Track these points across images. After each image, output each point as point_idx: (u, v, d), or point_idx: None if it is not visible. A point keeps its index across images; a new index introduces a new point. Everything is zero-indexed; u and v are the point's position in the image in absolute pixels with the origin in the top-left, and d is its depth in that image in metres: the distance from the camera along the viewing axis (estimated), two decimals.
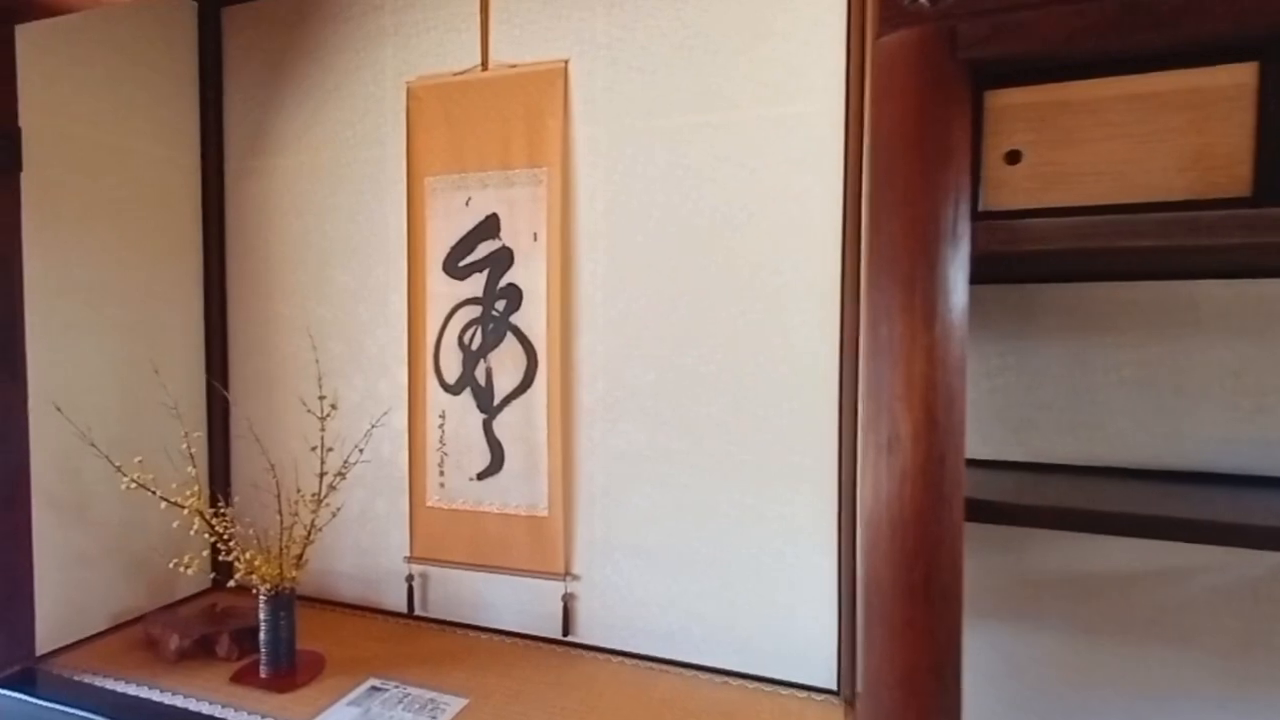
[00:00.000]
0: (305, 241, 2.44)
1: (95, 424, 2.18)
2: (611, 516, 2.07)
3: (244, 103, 2.52)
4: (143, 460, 1.90)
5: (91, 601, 2.19)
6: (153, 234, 2.38)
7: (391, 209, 2.30)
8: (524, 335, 2.14)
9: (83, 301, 2.16)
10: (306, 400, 2.32)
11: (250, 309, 2.55)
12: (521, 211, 2.13)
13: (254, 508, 2.23)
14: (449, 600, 2.28)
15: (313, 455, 2.03)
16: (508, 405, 2.16)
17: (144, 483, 1.83)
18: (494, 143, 2.14)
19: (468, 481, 2.22)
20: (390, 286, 2.32)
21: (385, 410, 2.27)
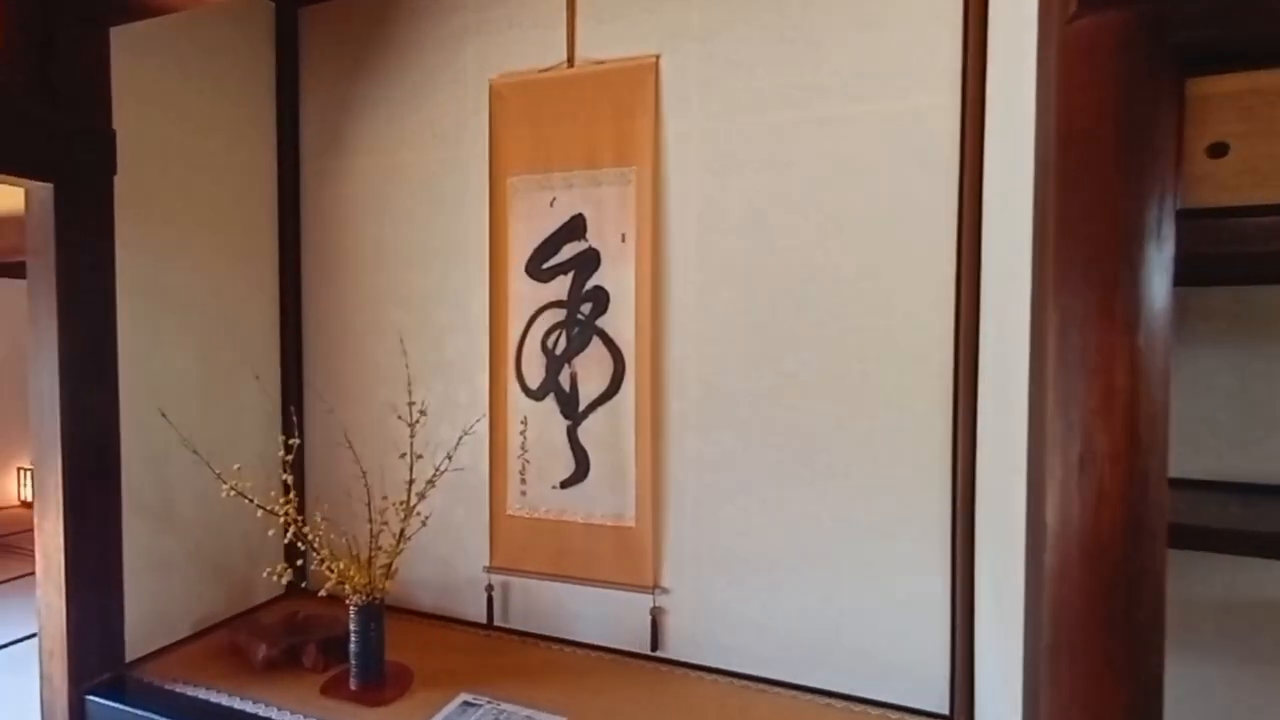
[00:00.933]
0: (382, 244, 2.41)
1: (183, 431, 2.18)
2: (703, 528, 2.00)
3: (320, 103, 2.50)
4: (241, 468, 1.87)
5: (176, 607, 2.19)
6: (233, 238, 2.37)
7: (472, 210, 2.26)
8: (611, 340, 2.08)
9: (168, 306, 2.15)
10: (386, 405, 2.30)
11: (325, 313, 2.53)
12: (609, 212, 2.07)
13: (336, 516, 2.20)
14: (530, 611, 2.23)
15: (389, 462, 2.00)
16: (593, 412, 2.10)
17: (242, 490, 1.80)
18: (580, 141, 2.08)
19: (550, 490, 2.16)
20: (470, 289, 2.28)
21: (478, 417, 2.21)
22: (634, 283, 2.04)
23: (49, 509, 1.87)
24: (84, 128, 1.87)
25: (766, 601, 1.93)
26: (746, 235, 1.92)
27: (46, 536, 1.88)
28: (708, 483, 1.99)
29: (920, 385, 1.76)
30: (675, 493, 2.03)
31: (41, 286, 1.85)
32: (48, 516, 1.87)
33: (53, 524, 1.86)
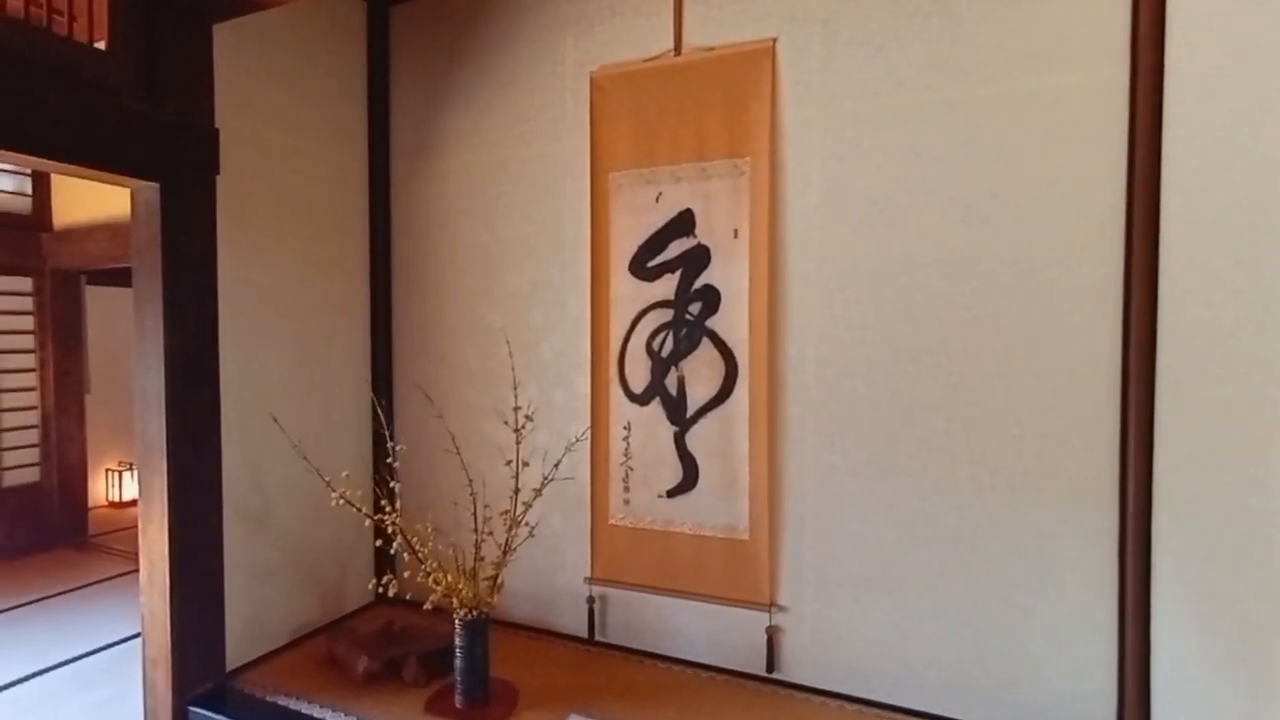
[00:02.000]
0: (474, 244, 2.34)
1: (276, 434, 2.14)
2: (825, 542, 1.87)
3: (411, 102, 2.45)
4: (349, 474, 1.81)
5: (273, 615, 2.14)
6: (325, 240, 2.32)
7: (570, 207, 2.17)
8: (722, 341, 1.96)
9: (265, 309, 2.11)
10: (476, 409, 2.23)
11: (416, 315, 2.47)
12: (720, 206, 1.95)
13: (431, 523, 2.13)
14: (633, 626, 2.12)
15: (484, 468, 1.91)
16: (703, 417, 1.99)
17: (351, 499, 1.73)
18: (689, 133, 1.97)
19: (656, 499, 2.05)
20: (567, 289, 2.19)
21: (576, 422, 2.12)
22: (748, 280, 1.92)
23: (153, 513, 1.84)
24: (189, 126, 1.83)
25: (898, 622, 1.79)
26: (875, 227, 1.78)
27: (150, 542, 1.85)
28: (830, 494, 1.85)
29: (1082, 387, 1.60)
30: (793, 504, 1.90)
31: (146, 287, 1.82)
32: (152, 521, 1.84)
33: (157, 529, 1.83)
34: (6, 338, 3.66)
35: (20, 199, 3.74)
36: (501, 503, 1.87)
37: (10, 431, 3.65)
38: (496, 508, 1.87)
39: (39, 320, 3.80)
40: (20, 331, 3.73)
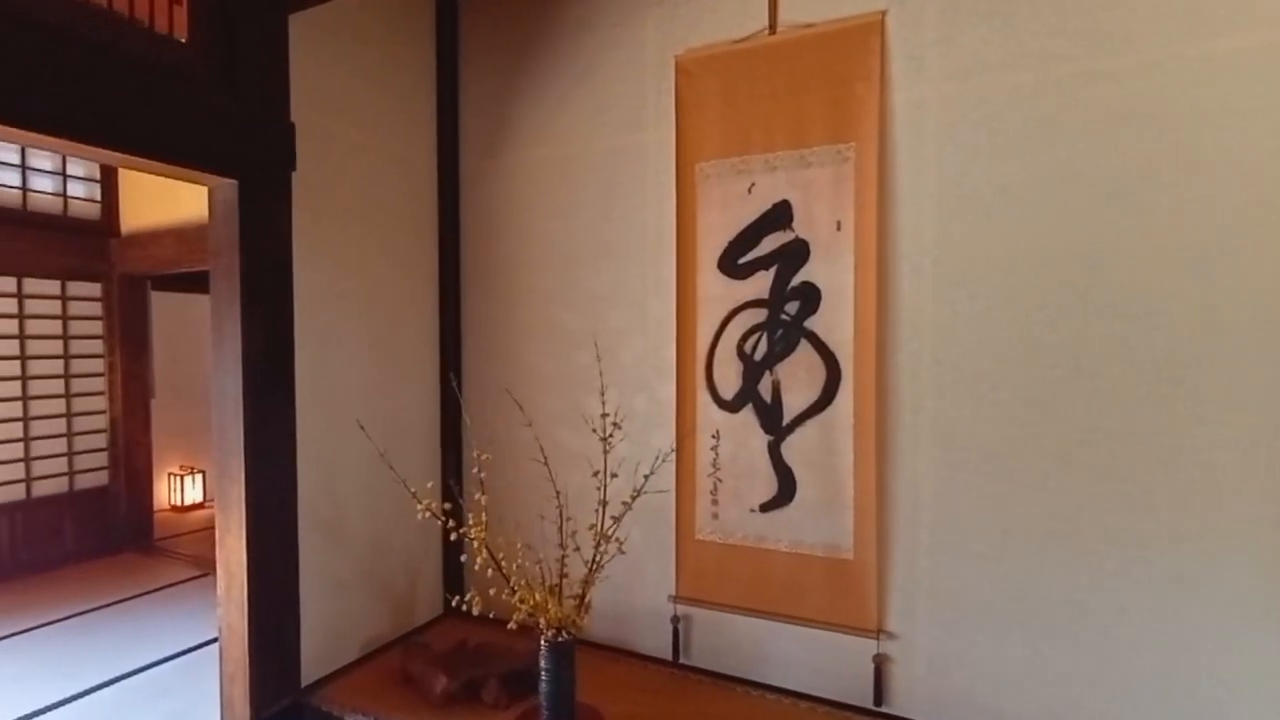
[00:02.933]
0: (548, 242, 2.24)
1: (349, 440, 2.07)
2: (943, 564, 1.69)
3: (480, 96, 2.36)
4: (433, 485, 1.71)
5: (347, 629, 2.07)
6: (395, 239, 2.25)
7: (652, 202, 2.05)
8: (822, 343, 1.81)
9: (338, 310, 2.05)
10: (551, 415, 2.12)
11: (487, 316, 2.38)
12: (820, 196, 1.80)
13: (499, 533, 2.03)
14: (721, 649, 1.98)
15: (559, 477, 1.79)
16: (800, 425, 1.84)
17: (436, 512, 1.64)
18: (786, 118, 1.83)
19: (748, 513, 1.91)
20: (648, 289, 2.07)
21: (660, 429, 1.99)
22: (852, 276, 1.76)
23: (230, 523, 1.78)
24: (267, 120, 1.77)
25: (1031, 656, 1.60)
26: (1003, 216, 1.60)
27: (228, 553, 1.79)
28: (949, 511, 1.68)
29: (1259, 395, 1.40)
30: (905, 521, 1.73)
31: (224, 290, 1.76)
32: (229, 531, 1.78)
33: (235, 539, 1.77)
34: (78, 342, 3.73)
35: (90, 205, 3.81)
36: (582, 515, 1.75)
37: (81, 435, 3.71)
38: (576, 520, 1.75)
39: (107, 325, 3.86)
40: (90, 336, 3.80)
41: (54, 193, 3.64)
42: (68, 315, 3.68)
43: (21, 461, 3.45)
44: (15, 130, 1.33)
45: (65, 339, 3.66)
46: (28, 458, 3.47)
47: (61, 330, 3.65)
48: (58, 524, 3.58)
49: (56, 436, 3.60)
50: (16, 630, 2.71)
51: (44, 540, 3.51)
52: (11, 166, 3.45)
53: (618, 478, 1.74)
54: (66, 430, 3.64)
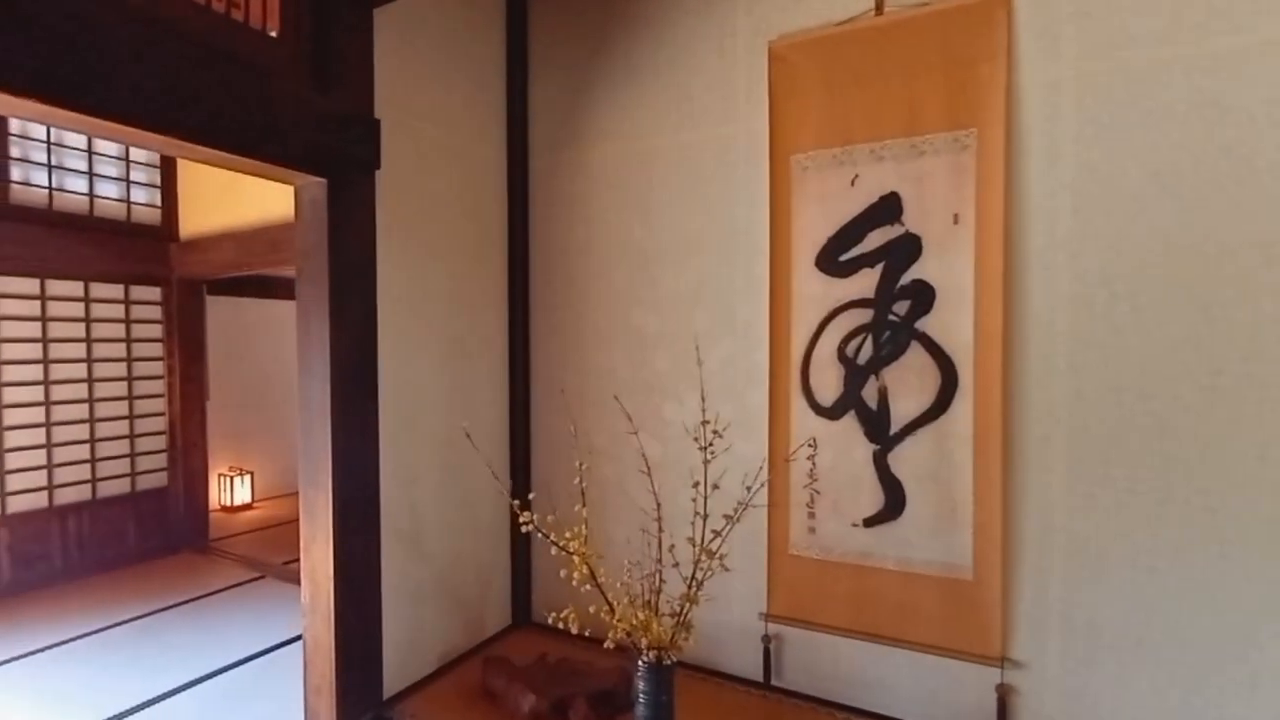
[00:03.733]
0: (625, 241, 2.15)
1: (426, 446, 2.01)
2: (1080, 589, 1.55)
3: (551, 91, 2.28)
4: (535, 496, 1.61)
5: (425, 640, 2.00)
6: (468, 239, 2.18)
7: (741, 197, 1.94)
8: (937, 346, 1.68)
9: (417, 312, 1.98)
10: (624, 419, 2.02)
11: (557, 318, 2.30)
12: (934, 187, 1.68)
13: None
14: (818, 671, 1.86)
15: (623, 487, 1.69)
16: (911, 434, 1.71)
17: (539, 525, 1.54)
18: (895, 104, 1.71)
19: (850, 528, 1.79)
20: (737, 289, 1.96)
21: (749, 438, 1.88)
22: (972, 273, 1.63)
23: (316, 532, 1.72)
24: (355, 116, 1.71)
25: (1188, 697, 1.45)
26: (1158, 206, 1.46)
27: (314, 562, 1.73)
28: (1087, 530, 1.54)
29: None
30: (1035, 540, 1.59)
31: (311, 291, 1.71)
32: (315, 540, 1.72)
33: (321, 549, 1.71)
34: (139, 345, 3.77)
35: (150, 210, 3.85)
36: (671, 528, 1.65)
37: (142, 437, 3.74)
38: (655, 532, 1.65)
39: (166, 329, 3.90)
40: (150, 340, 3.83)
41: (118, 198, 3.68)
42: (130, 319, 3.72)
43: (88, 463, 3.49)
44: (116, 125, 1.28)
45: (128, 342, 3.70)
46: (93, 459, 3.51)
47: (124, 334, 3.69)
48: (121, 524, 3.61)
49: (120, 438, 3.64)
50: (90, 630, 2.72)
51: (108, 540, 3.55)
52: (79, 173, 3.49)
53: (719, 489, 1.63)
54: (129, 432, 3.68)
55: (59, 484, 3.36)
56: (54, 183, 3.39)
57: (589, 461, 2.19)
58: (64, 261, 3.38)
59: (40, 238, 3.29)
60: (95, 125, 1.29)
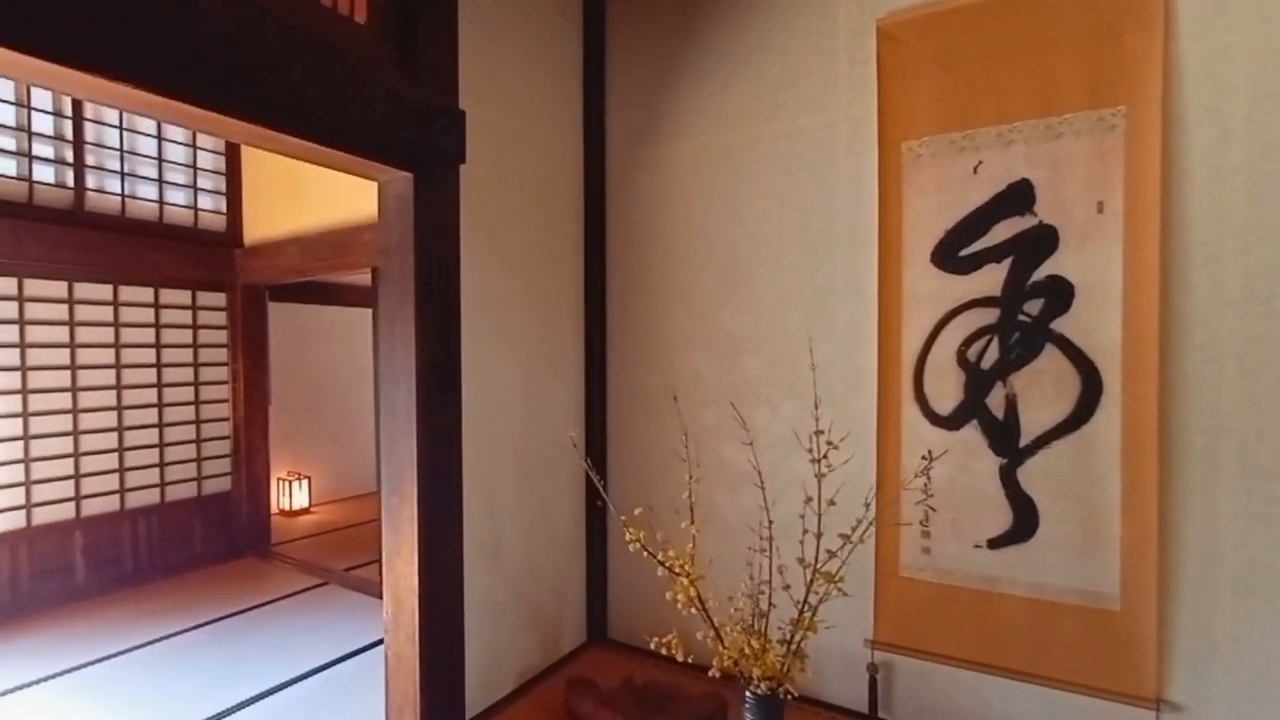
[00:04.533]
0: (711, 239, 2.03)
1: (505, 453, 1.92)
2: (1255, 622, 1.36)
3: (630, 83, 2.18)
4: (644, 511, 1.50)
5: (504, 658, 1.91)
6: (545, 236, 2.09)
7: (842, 189, 1.81)
8: (1076, 349, 1.51)
9: (495, 316, 1.90)
10: (719, 430, 1.89)
11: (635, 319, 2.20)
12: (1074, 173, 1.51)
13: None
14: (932, 705, 1.69)
15: (722, 497, 1.56)
16: (1045, 447, 1.54)
17: (646, 545, 1.43)
18: (1026, 81, 1.55)
19: (971, 549, 1.63)
20: (836, 288, 1.82)
21: (859, 455, 1.73)
22: (1120, 268, 1.46)
23: (402, 544, 1.64)
24: (442, 107, 1.64)
25: None
26: None
27: (397, 577, 1.65)
28: (1263, 556, 1.35)
29: None
30: (1197, 570, 1.41)
31: (395, 291, 1.63)
32: (399, 554, 1.65)
33: (405, 563, 1.63)
34: (205, 351, 3.82)
35: (216, 216, 3.91)
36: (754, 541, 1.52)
37: (208, 442, 3.79)
38: (738, 548, 1.52)
39: (231, 334, 3.94)
40: (216, 345, 3.88)
41: (185, 205, 3.74)
42: (197, 324, 3.77)
43: (157, 467, 3.53)
44: (212, 115, 1.22)
45: (195, 347, 3.75)
46: (162, 463, 3.55)
47: (191, 339, 3.74)
48: (188, 527, 3.65)
49: (186, 443, 3.68)
50: (160, 636, 2.72)
51: (176, 543, 3.58)
52: (149, 180, 3.56)
53: (836, 506, 1.49)
54: (195, 436, 3.72)
55: (130, 487, 3.41)
56: (126, 190, 3.46)
57: (669, 470, 2.09)
58: (135, 267, 3.43)
59: (113, 244, 3.35)
60: (189, 115, 1.24)
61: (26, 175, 3.06)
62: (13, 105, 2.99)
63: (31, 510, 3.04)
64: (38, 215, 3.08)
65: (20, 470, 3.00)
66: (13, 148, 3.01)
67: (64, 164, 3.20)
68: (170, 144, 3.61)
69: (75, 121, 3.22)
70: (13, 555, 2.98)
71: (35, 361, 3.06)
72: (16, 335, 2.99)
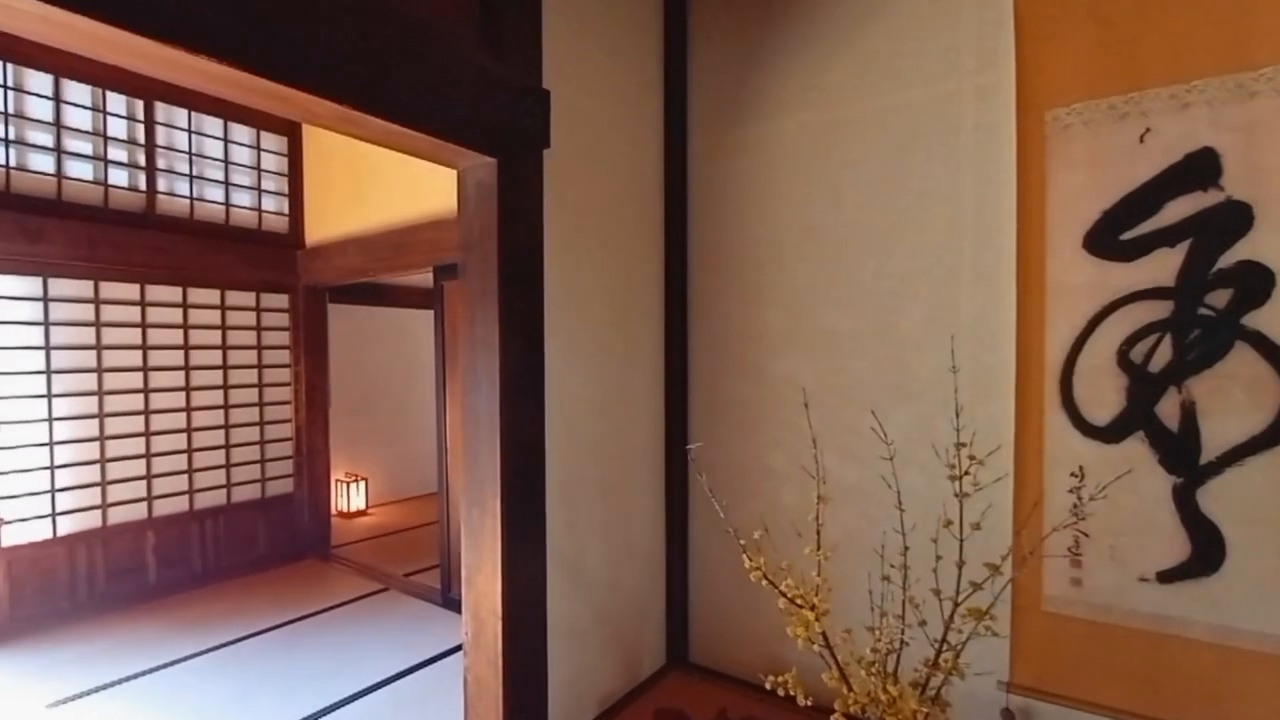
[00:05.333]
0: (808, 227, 1.84)
1: (586, 462, 1.78)
2: None
3: (715, 59, 2.00)
4: (765, 534, 1.33)
5: (584, 682, 1.76)
6: (625, 227, 1.94)
7: (966, 167, 1.59)
8: (1278, 348, 1.28)
9: (576, 313, 1.76)
10: (819, 440, 1.70)
11: (720, 315, 2.02)
12: (1273, 138, 1.27)
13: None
14: None
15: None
16: (1235, 464, 1.30)
17: (771, 576, 1.26)
18: (1211, 32, 1.32)
19: (1137, 582, 1.40)
20: (960, 279, 1.61)
21: (996, 469, 1.51)
22: None
23: (484, 561, 1.52)
24: (526, 87, 1.51)
25: None
26: None
27: (479, 595, 1.52)
28: None
29: None
30: None
31: (479, 287, 1.50)
32: (481, 570, 1.52)
33: (488, 580, 1.50)
34: (269, 353, 3.84)
35: (279, 218, 3.92)
36: (871, 566, 1.32)
37: (271, 444, 3.80)
38: (845, 572, 1.32)
39: (293, 336, 3.95)
40: (278, 347, 3.90)
41: (250, 207, 3.76)
42: (260, 326, 3.78)
43: (223, 468, 3.55)
44: (303, 95, 1.11)
45: (259, 349, 3.76)
46: (228, 464, 3.57)
47: (255, 341, 3.75)
48: (252, 529, 3.66)
49: (251, 444, 3.69)
50: (227, 641, 2.70)
51: (241, 545, 3.59)
52: (216, 182, 3.58)
53: (979, 529, 1.29)
54: (259, 438, 3.73)
55: (198, 488, 3.43)
56: (194, 193, 3.49)
57: (759, 484, 1.92)
58: (203, 269, 3.45)
59: (182, 247, 3.37)
60: (272, 94, 1.13)
61: (102, 179, 3.10)
62: (90, 110, 3.04)
63: (107, 510, 3.08)
64: (112, 219, 3.11)
65: (97, 470, 3.04)
66: (89, 152, 3.05)
67: (136, 167, 3.23)
68: (235, 146, 3.63)
69: (147, 125, 3.25)
70: (90, 554, 3.02)
71: (110, 364, 3.09)
72: (93, 338, 3.03)
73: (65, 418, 2.94)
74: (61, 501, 2.94)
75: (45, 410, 2.89)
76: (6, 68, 2.79)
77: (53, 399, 2.91)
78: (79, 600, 2.97)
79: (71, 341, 2.97)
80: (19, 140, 2.84)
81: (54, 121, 2.93)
